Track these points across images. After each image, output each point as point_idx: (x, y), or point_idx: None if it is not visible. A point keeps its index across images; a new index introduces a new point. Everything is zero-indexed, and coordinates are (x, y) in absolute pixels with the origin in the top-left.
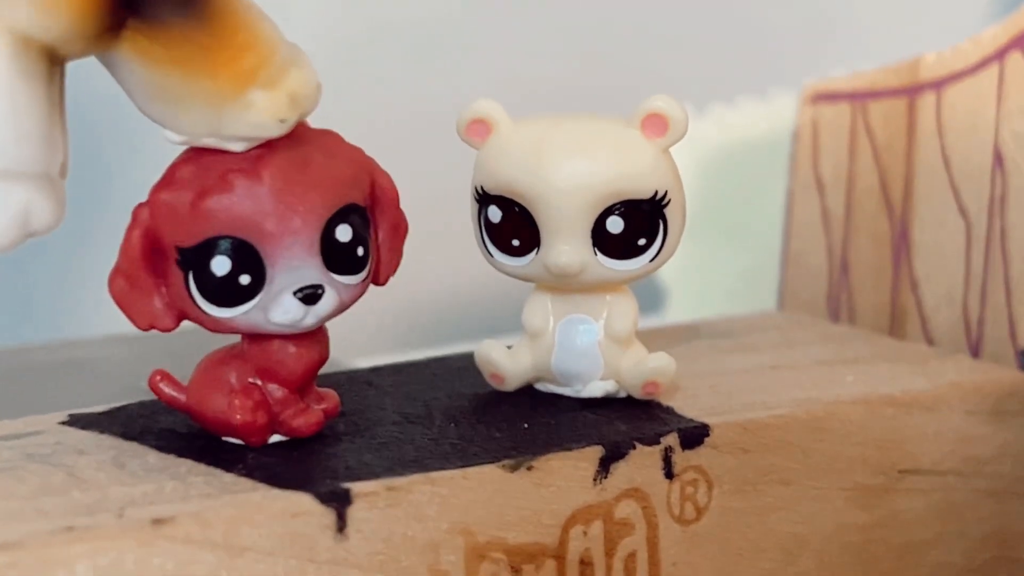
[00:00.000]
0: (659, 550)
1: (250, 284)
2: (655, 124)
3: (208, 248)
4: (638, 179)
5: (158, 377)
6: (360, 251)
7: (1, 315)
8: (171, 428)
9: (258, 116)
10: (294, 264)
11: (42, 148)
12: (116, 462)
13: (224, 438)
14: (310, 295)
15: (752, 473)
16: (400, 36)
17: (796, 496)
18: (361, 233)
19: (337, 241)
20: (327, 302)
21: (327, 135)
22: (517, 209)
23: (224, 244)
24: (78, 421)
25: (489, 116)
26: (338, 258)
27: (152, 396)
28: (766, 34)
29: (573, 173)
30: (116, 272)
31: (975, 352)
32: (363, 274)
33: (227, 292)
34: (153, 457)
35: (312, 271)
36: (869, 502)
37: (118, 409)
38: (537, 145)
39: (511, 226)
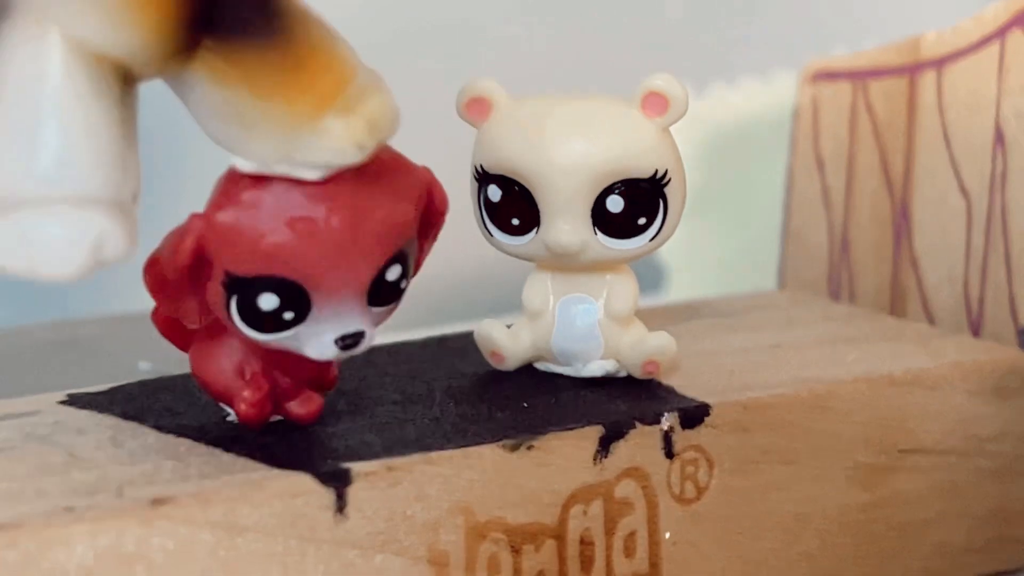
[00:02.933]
0: (659, 529)
1: (292, 319)
2: (655, 103)
3: (260, 283)
4: (638, 158)
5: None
6: (403, 284)
7: (0, 295)
8: (170, 408)
9: (335, 142)
10: (341, 310)
11: (117, 173)
12: (115, 442)
13: (223, 415)
14: (351, 344)
15: (753, 452)
16: (396, 13)
17: (797, 475)
18: (408, 267)
19: (386, 280)
20: (363, 345)
21: (394, 164)
22: (517, 188)
23: (276, 283)
24: (77, 401)
25: (488, 95)
26: (382, 294)
27: (151, 376)
28: (766, 13)
29: (573, 152)
30: (156, 263)
31: (976, 331)
32: (398, 300)
33: (268, 322)
34: (152, 437)
35: (357, 317)
36: (870, 481)
37: (117, 389)
38: (537, 124)
39: (511, 205)
